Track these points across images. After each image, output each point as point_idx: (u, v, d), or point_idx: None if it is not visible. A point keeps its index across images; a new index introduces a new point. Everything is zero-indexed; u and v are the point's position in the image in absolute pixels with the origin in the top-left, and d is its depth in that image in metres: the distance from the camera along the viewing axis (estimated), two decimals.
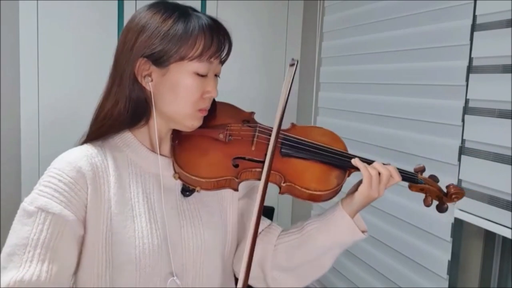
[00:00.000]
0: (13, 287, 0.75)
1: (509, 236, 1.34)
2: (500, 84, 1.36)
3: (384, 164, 0.97)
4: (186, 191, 0.95)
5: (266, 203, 0.93)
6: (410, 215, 1.75)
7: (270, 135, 0.94)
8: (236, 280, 0.98)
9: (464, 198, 1.47)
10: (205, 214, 0.97)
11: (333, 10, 2.33)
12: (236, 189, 0.92)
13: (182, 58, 0.87)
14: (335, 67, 2.31)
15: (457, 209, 1.51)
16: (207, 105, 0.93)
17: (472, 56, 1.47)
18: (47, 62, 2.25)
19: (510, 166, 1.33)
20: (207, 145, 0.95)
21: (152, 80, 0.89)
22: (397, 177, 0.95)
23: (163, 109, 0.91)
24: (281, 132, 0.98)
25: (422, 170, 1.03)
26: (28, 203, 0.83)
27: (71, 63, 2.27)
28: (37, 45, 2.22)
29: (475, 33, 1.46)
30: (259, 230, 1.04)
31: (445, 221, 1.58)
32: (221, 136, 0.95)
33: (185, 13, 0.89)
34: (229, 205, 1.03)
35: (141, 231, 0.88)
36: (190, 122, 0.92)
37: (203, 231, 0.95)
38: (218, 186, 0.91)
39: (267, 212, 1.88)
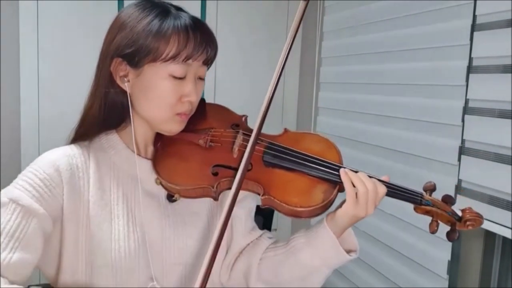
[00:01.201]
0: None
1: (509, 236, 1.34)
2: (500, 84, 1.36)
3: (370, 176, 0.86)
4: (171, 196, 0.90)
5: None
6: (410, 214, 1.74)
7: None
8: None
9: (464, 198, 1.49)
10: (190, 220, 0.93)
11: (333, 10, 2.33)
12: (215, 199, 0.87)
13: (155, 59, 0.83)
14: (335, 67, 2.31)
15: (458, 209, 1.51)
16: (186, 109, 0.87)
17: (472, 56, 1.47)
18: (47, 62, 2.25)
19: (510, 166, 1.33)
20: (187, 151, 0.89)
21: (129, 81, 0.86)
22: (383, 189, 0.86)
23: (140, 112, 0.88)
24: (265, 139, 0.91)
25: (432, 189, 0.90)
26: (3, 194, 0.82)
27: (71, 62, 2.26)
28: (37, 45, 2.22)
29: (475, 33, 1.46)
30: (248, 242, 1.01)
31: None
32: (201, 141, 0.89)
33: (164, 12, 0.85)
34: (218, 211, 0.98)
35: (118, 233, 0.86)
36: (168, 126, 0.88)
37: (186, 237, 0.91)
38: (196, 194, 0.86)
39: (267, 214, 1.87)
